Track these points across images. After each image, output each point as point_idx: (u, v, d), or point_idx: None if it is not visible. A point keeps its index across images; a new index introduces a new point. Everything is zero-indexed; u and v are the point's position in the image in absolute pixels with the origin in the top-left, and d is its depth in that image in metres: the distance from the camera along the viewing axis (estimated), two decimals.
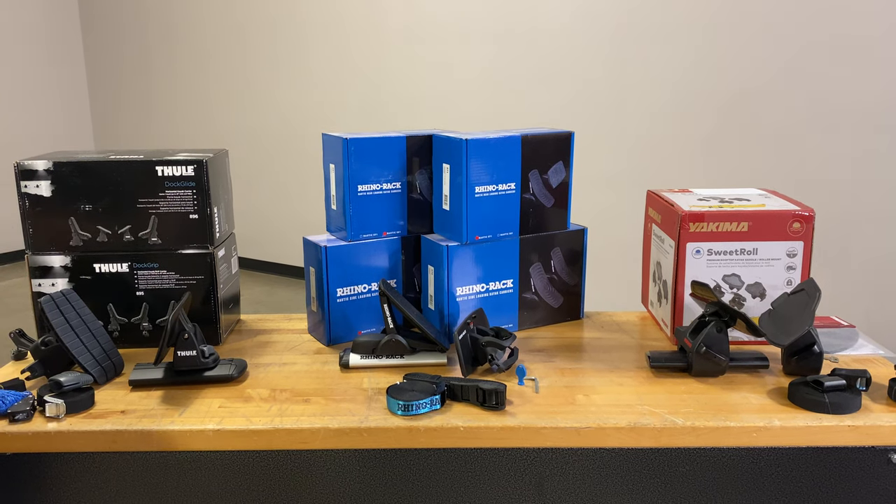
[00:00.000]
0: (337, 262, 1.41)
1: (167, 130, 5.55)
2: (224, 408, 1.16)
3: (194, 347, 1.24)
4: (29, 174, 1.35)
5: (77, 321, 1.28)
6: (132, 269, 1.39)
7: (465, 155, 1.36)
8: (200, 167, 1.36)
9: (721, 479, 1.13)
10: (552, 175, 1.47)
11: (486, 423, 1.11)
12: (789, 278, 1.39)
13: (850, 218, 3.33)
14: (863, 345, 1.42)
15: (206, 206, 1.38)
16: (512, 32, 4.01)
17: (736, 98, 3.49)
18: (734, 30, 3.41)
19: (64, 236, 1.37)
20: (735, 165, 3.54)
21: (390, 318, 1.32)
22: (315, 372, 1.31)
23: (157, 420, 1.12)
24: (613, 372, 1.31)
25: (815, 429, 1.11)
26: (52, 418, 1.12)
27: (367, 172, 1.41)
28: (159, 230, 1.38)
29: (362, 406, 1.17)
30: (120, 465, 1.12)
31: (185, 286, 1.40)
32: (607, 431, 1.11)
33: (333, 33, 4.62)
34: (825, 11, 3.20)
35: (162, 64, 5.45)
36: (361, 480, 1.13)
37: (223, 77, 5.16)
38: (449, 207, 1.43)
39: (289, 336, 1.49)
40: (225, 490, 1.13)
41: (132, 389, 1.24)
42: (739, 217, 1.36)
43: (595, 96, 3.85)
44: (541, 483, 1.14)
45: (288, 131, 4.98)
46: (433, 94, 4.34)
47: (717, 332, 1.25)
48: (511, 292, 1.48)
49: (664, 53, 3.61)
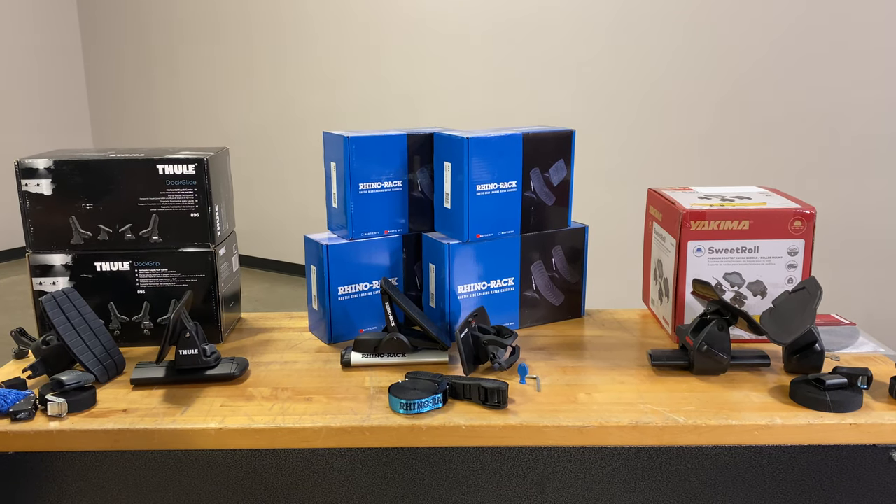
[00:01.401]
0: (338, 260, 1.40)
1: (167, 129, 5.55)
2: (226, 406, 1.16)
3: (196, 346, 1.24)
4: (29, 173, 1.35)
5: (78, 320, 1.28)
6: (133, 267, 1.39)
7: (466, 153, 1.36)
8: (201, 165, 1.36)
9: (723, 477, 1.14)
10: (553, 173, 1.47)
11: (488, 422, 1.11)
12: (790, 276, 1.39)
13: (851, 215, 3.34)
14: (864, 343, 1.42)
15: (206, 204, 1.38)
16: (512, 30, 4.01)
17: (735, 95, 3.49)
18: (735, 26, 3.41)
19: (65, 235, 1.37)
20: (735, 163, 3.54)
21: (392, 316, 1.32)
22: (316, 370, 1.31)
23: (159, 419, 1.12)
24: (615, 370, 1.31)
25: (816, 427, 1.11)
26: (54, 417, 1.12)
27: (368, 171, 1.41)
28: (160, 228, 1.38)
29: (364, 405, 1.17)
30: (122, 464, 1.12)
31: (186, 285, 1.40)
32: (609, 430, 1.11)
33: (335, 30, 4.62)
34: (825, 7, 3.20)
35: (161, 62, 5.44)
36: (363, 479, 1.14)
37: (223, 75, 5.16)
38: (450, 205, 1.42)
39: (290, 334, 1.49)
40: (227, 489, 1.13)
41: (134, 388, 1.24)
42: (741, 215, 1.36)
43: (595, 93, 3.85)
44: (543, 481, 1.14)
45: (288, 129, 4.98)
46: (434, 91, 4.33)
47: (718, 330, 1.25)
48: (512, 290, 1.48)
49: (665, 51, 3.61)
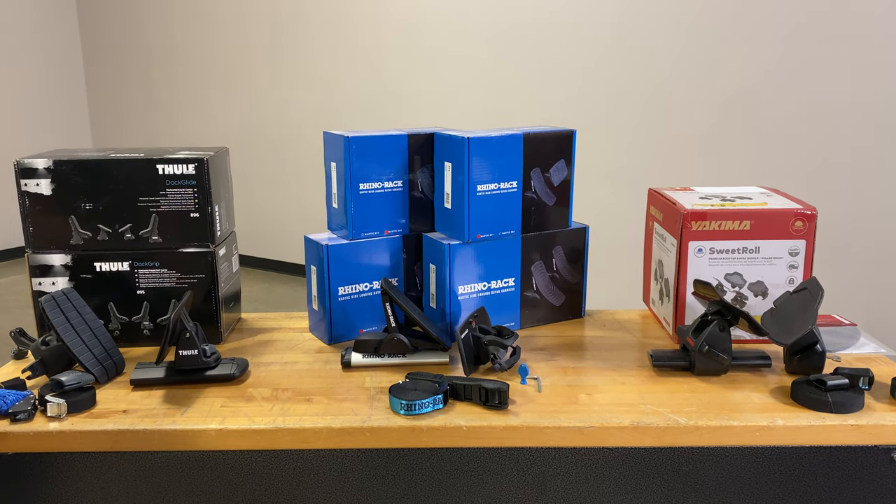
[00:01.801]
0: (338, 260, 1.40)
1: (166, 128, 5.54)
2: (226, 407, 1.16)
3: (196, 347, 1.23)
4: (29, 172, 1.34)
5: (78, 320, 1.27)
6: (133, 267, 1.38)
7: (467, 153, 1.36)
8: (201, 165, 1.36)
9: (723, 477, 1.13)
10: (554, 173, 1.47)
11: (489, 423, 1.11)
12: (791, 277, 1.38)
13: (851, 215, 3.34)
14: (864, 343, 1.42)
15: (206, 204, 1.37)
16: (513, 29, 4.01)
17: (736, 96, 3.49)
18: (736, 26, 3.41)
19: (64, 235, 1.37)
20: (735, 163, 3.54)
21: (392, 316, 1.32)
22: (317, 371, 1.31)
23: (159, 420, 1.12)
24: (615, 371, 1.31)
25: (818, 428, 1.11)
26: (54, 418, 1.11)
27: (368, 171, 1.41)
28: (160, 229, 1.38)
29: (365, 405, 1.17)
30: (122, 464, 1.11)
31: (185, 285, 1.39)
32: (610, 431, 1.11)
33: (334, 30, 4.61)
34: (827, 10, 3.20)
35: (160, 62, 5.43)
36: (364, 480, 1.13)
37: (223, 74, 5.15)
38: (450, 206, 1.42)
39: (290, 335, 1.49)
40: (227, 490, 1.13)
41: (134, 389, 1.23)
42: (742, 216, 1.36)
43: (596, 93, 3.85)
44: (543, 482, 1.13)
45: (287, 128, 4.97)
46: (434, 91, 4.33)
47: (719, 330, 1.25)
48: (513, 291, 1.48)
49: (666, 51, 3.60)
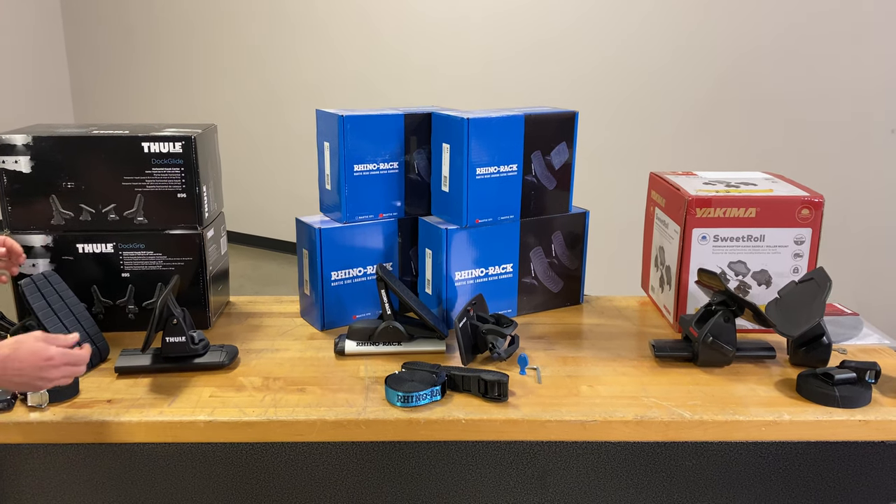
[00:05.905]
0: (331, 244, 1.35)
1: (152, 104, 5.42)
2: (215, 397, 1.12)
3: (183, 333, 1.19)
4: (7, 149, 1.28)
5: (59, 304, 1.22)
6: (117, 249, 1.33)
7: (466, 134, 1.31)
8: (189, 144, 1.30)
9: (728, 473, 1.11)
10: (555, 156, 1.42)
11: (488, 416, 1.07)
12: (796, 266, 1.35)
13: (851, 202, 3.32)
14: (868, 334, 1.39)
15: (194, 184, 1.32)
16: (510, 9, 3.93)
17: (734, 79, 3.45)
18: (737, 8, 3.36)
19: (45, 215, 1.31)
20: (735, 147, 3.51)
21: (388, 304, 1.28)
22: (309, 359, 1.26)
23: (146, 410, 1.07)
24: (616, 360, 1.27)
25: (825, 423, 1.08)
26: (34, 408, 1.07)
27: (363, 151, 1.36)
28: (145, 209, 1.32)
29: (360, 396, 1.13)
30: (106, 456, 1.07)
31: (172, 268, 1.34)
32: (613, 425, 1.08)
33: (323, 5, 4.51)
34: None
35: (145, 35, 5.30)
36: (360, 474, 1.10)
37: (210, 48, 5.04)
38: (448, 189, 1.37)
39: (280, 320, 1.44)
40: (217, 483, 1.09)
41: (118, 377, 1.18)
42: (748, 202, 1.32)
43: (595, 75, 3.79)
44: (544, 477, 1.10)
45: (274, 105, 4.88)
46: (430, 70, 4.25)
47: (724, 321, 1.22)
48: (511, 277, 1.44)
49: (665, 33, 3.55)
